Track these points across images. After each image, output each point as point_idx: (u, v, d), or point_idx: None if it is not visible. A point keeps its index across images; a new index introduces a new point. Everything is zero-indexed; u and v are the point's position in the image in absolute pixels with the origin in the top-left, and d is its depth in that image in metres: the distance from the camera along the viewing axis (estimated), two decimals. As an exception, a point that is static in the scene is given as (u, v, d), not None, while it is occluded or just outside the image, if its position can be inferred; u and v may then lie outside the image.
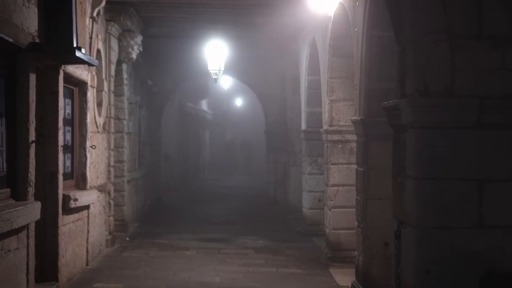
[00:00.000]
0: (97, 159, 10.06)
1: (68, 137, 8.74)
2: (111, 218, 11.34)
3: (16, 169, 6.55)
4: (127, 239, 11.95)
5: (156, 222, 14.39)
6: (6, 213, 5.76)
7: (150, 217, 15.13)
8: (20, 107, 6.57)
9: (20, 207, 6.17)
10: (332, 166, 10.23)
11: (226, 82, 25.97)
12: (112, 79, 11.28)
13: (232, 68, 16.64)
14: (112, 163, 11.32)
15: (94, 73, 9.73)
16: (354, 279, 8.00)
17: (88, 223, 9.32)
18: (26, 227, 6.48)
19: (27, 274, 6.59)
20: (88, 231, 9.33)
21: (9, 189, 6.47)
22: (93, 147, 9.62)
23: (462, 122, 4.50)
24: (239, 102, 39.55)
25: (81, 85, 9.11)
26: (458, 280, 4.49)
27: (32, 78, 6.73)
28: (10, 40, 5.99)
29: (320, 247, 11.14)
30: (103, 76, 10.53)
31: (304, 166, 13.31)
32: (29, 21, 6.64)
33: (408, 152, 4.72)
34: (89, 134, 9.36)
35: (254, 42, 15.42)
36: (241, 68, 17.23)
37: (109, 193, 11.12)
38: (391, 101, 5.09)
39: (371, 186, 7.43)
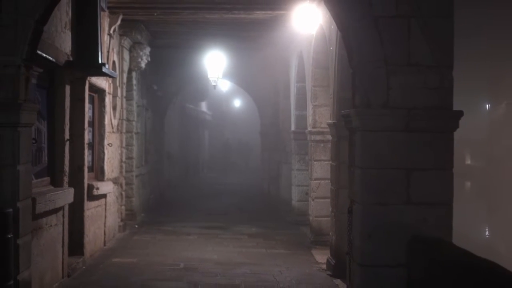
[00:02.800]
0: (112, 155, 11.66)
1: (90, 136, 10.33)
2: (123, 207, 12.95)
3: (55, 161, 8.19)
4: (136, 226, 13.55)
5: (161, 213, 15.97)
6: (51, 195, 7.41)
7: (155, 208, 16.72)
8: (58, 112, 8.20)
9: (59, 191, 7.82)
10: (315, 162, 11.86)
11: (224, 85, 27.51)
12: (124, 86, 12.88)
13: (230, 74, 18.31)
14: (124, 159, 12.93)
15: (110, 81, 11.33)
16: (329, 255, 9.60)
17: (105, 209, 10.92)
18: (62, 208, 8.10)
19: (62, 246, 8.21)
20: (105, 217, 10.93)
21: (49, 177, 8.11)
22: (110, 145, 11.23)
23: (394, 127, 6.07)
24: (237, 103, 41.10)
25: (101, 92, 10.71)
26: (391, 242, 6.04)
27: (67, 88, 8.36)
28: (53, 60, 7.62)
29: (306, 234, 12.72)
30: (117, 84, 12.12)
31: (293, 163, 14.88)
32: (65, 43, 8.27)
33: (356, 149, 6.29)
34: (106, 134, 10.96)
35: (250, 51, 16.99)
36: (238, 74, 18.85)
37: (121, 185, 12.72)
38: (346, 110, 6.70)
39: (342, 178, 8.96)
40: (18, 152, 6.04)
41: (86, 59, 8.75)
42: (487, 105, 57.32)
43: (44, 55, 7.20)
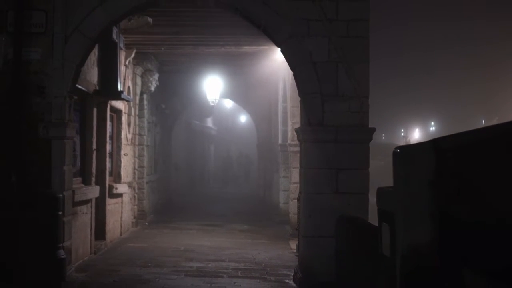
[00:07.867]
0: (127, 163, 14.29)
1: (110, 147, 12.95)
2: (135, 207, 15.54)
3: (85, 166, 10.82)
4: (146, 224, 16.15)
5: (167, 215, 18.54)
6: (84, 190, 10.05)
7: (163, 211, 19.30)
8: (88, 128, 10.85)
9: (89, 187, 10.46)
10: (293, 169, 14.43)
11: (228, 103, 30.12)
12: (137, 106, 15.53)
13: (230, 94, 21.02)
14: (136, 167, 15.55)
15: (126, 103, 13.98)
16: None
17: (122, 206, 13.53)
18: (91, 200, 10.72)
19: (90, 230, 10.83)
20: (121, 212, 13.54)
21: (81, 177, 10.74)
22: (125, 154, 13.86)
23: (327, 139, 8.62)
24: (242, 119, 43.63)
25: (118, 112, 13.37)
26: (325, 220, 8.56)
27: (95, 111, 11.03)
28: (86, 90, 10.28)
29: (287, 230, 15.23)
30: (131, 105, 14.78)
31: (280, 171, 17.41)
32: (93, 76, 10.94)
33: (302, 155, 8.88)
34: (122, 146, 13.59)
35: (245, 75, 19.57)
36: (237, 94, 21.52)
37: (134, 188, 15.33)
38: (296, 128, 9.31)
39: (306, 179, 11.50)
40: (64, 157, 8.68)
41: (108, 88, 11.39)
42: (483, 121, 59.74)
43: (80, 87, 9.85)
